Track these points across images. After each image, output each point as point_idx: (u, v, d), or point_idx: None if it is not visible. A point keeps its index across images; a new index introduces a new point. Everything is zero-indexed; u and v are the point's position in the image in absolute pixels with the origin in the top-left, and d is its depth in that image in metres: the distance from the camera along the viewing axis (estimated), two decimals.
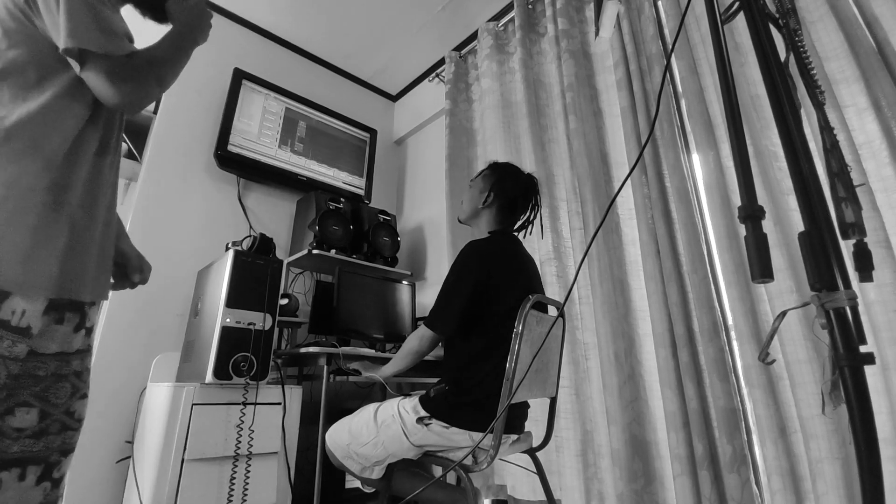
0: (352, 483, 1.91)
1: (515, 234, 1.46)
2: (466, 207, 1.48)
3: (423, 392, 1.28)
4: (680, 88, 1.67)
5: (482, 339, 1.24)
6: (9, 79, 0.76)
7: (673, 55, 1.62)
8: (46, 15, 0.75)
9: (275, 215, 2.44)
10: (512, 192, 1.41)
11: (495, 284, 1.25)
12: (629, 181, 1.70)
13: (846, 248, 0.56)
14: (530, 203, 1.45)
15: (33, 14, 0.77)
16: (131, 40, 0.85)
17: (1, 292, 0.70)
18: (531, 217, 1.46)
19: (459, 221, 1.53)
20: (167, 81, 0.87)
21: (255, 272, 1.57)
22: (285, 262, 2.22)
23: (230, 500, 1.41)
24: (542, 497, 1.57)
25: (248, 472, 1.45)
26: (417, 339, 1.30)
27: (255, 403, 1.52)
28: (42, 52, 0.78)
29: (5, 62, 0.76)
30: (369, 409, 1.31)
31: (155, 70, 0.83)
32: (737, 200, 1.16)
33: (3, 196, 0.71)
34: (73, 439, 0.82)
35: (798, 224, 1.30)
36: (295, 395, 1.67)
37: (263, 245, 1.67)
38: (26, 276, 0.73)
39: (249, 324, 1.51)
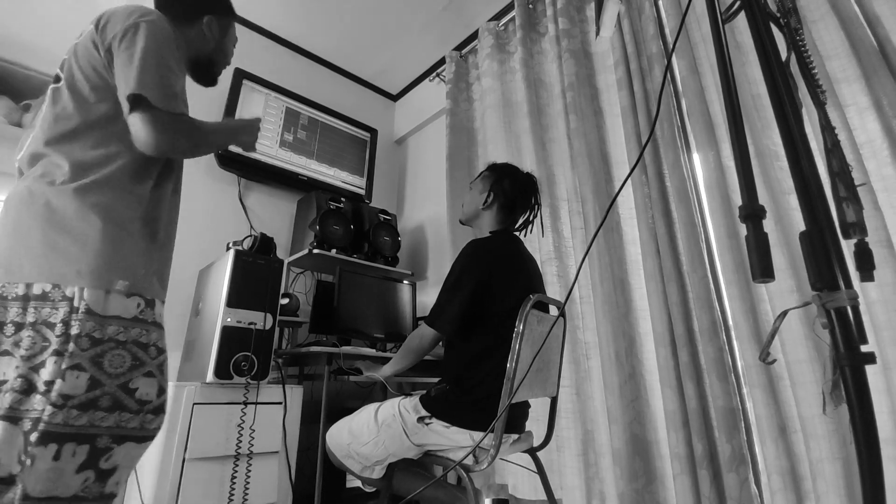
0: (352, 482, 1.91)
1: (516, 233, 1.46)
2: (467, 209, 1.48)
3: (424, 391, 1.28)
4: (680, 88, 1.66)
5: (483, 338, 1.24)
6: (102, 128, 0.88)
7: (674, 54, 1.62)
8: (120, 68, 0.85)
9: (275, 215, 2.44)
10: (511, 192, 1.41)
11: (496, 284, 1.25)
12: (629, 181, 1.70)
13: (847, 247, 0.56)
14: (530, 202, 1.45)
15: (108, 74, 0.88)
16: (186, 105, 0.95)
17: (152, 300, 0.88)
18: (531, 216, 1.46)
19: (461, 223, 1.54)
20: (199, 150, 0.99)
21: (255, 272, 1.57)
22: (286, 262, 2.22)
23: (231, 500, 1.41)
24: (543, 496, 1.57)
25: (249, 471, 1.45)
26: (418, 337, 1.30)
27: (256, 403, 1.52)
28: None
29: (97, 114, 0.89)
30: (370, 408, 1.31)
31: (196, 135, 0.94)
32: (737, 200, 1.16)
33: (119, 229, 0.85)
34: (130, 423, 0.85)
35: (799, 223, 1.30)
36: (296, 394, 1.67)
37: (264, 245, 1.67)
38: (157, 287, 0.90)
39: (250, 323, 1.51)
